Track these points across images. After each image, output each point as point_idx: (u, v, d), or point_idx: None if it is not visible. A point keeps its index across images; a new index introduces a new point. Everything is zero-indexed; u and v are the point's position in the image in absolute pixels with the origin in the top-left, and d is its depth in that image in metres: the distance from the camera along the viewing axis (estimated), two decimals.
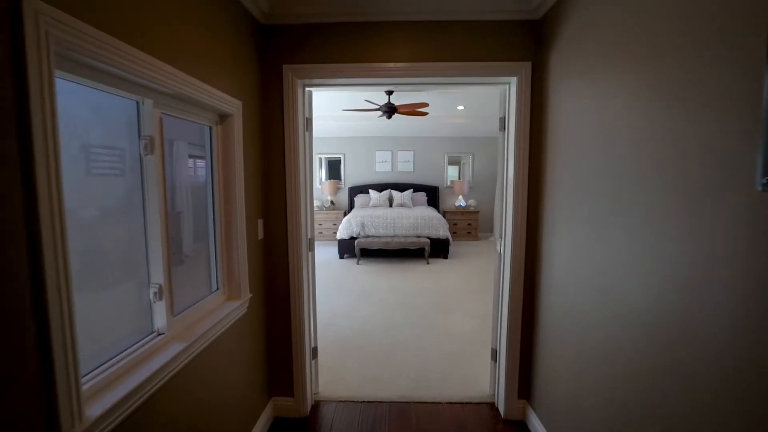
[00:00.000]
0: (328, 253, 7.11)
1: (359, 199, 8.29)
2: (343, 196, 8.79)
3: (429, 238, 6.52)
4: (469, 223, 8.26)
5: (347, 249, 6.63)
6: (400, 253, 6.74)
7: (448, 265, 6.24)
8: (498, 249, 2.38)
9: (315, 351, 2.49)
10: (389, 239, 6.41)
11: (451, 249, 6.93)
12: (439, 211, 8.17)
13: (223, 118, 1.79)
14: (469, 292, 4.85)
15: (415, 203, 8.19)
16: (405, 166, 8.76)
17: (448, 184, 8.77)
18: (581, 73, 1.65)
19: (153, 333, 1.36)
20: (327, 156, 8.80)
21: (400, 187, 8.59)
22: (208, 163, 1.75)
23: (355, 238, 6.54)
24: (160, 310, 1.37)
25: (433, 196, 8.61)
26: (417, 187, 8.62)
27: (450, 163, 8.81)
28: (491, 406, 2.44)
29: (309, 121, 2.35)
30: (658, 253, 1.17)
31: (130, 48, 1.09)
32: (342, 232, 6.61)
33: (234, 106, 1.78)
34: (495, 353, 2.44)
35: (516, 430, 2.24)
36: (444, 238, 6.57)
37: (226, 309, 1.75)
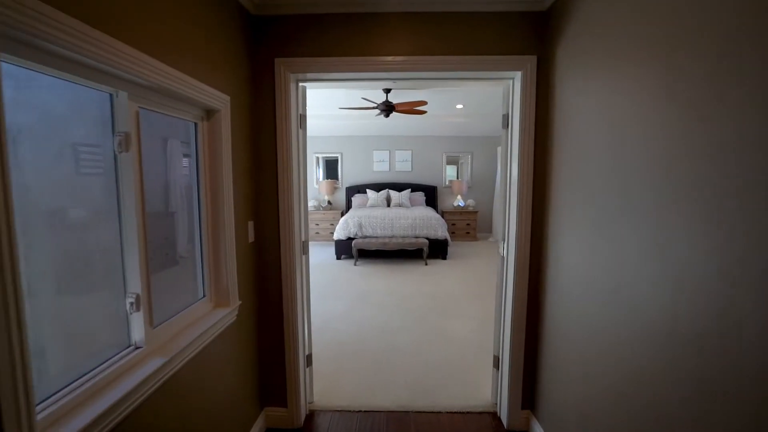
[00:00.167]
0: (325, 253, 7.00)
1: (356, 199, 8.18)
2: (341, 196, 8.68)
3: (427, 238, 6.41)
4: (467, 224, 8.17)
5: (344, 250, 6.52)
6: (398, 254, 6.63)
7: (446, 266, 6.13)
8: (501, 252, 2.28)
9: (309, 358, 2.38)
10: (387, 240, 6.30)
11: (449, 250, 6.83)
12: (437, 211, 8.07)
13: (209, 113, 1.67)
14: (469, 294, 4.75)
15: (413, 203, 8.09)
16: (403, 166, 8.65)
17: (447, 183, 8.67)
18: (592, 68, 1.55)
19: (130, 347, 1.25)
20: (324, 155, 8.68)
21: (398, 186, 8.48)
22: (194, 161, 1.64)
23: (353, 239, 6.43)
24: (137, 322, 1.25)
25: (431, 196, 8.51)
26: (415, 187, 8.51)
27: (448, 162, 8.71)
28: (493, 416, 2.34)
29: (303, 117, 2.24)
30: (673, 256, 1.07)
31: (97, 32, 0.98)
32: (339, 233, 6.50)
33: (221, 101, 1.67)
34: (497, 360, 2.34)
35: None
36: (443, 238, 6.47)
37: (213, 318, 1.64)
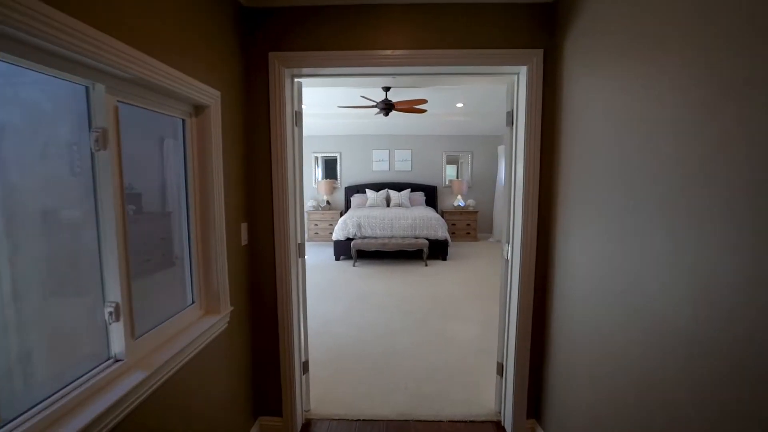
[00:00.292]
0: (323, 254, 6.91)
1: (356, 199, 8.08)
2: (340, 196, 8.58)
3: (427, 239, 6.32)
4: (468, 224, 8.08)
5: (343, 250, 6.43)
6: (398, 255, 6.54)
7: (447, 267, 6.05)
8: (504, 255, 2.19)
9: (306, 365, 2.29)
10: (386, 240, 6.21)
11: (450, 250, 6.74)
12: (437, 211, 7.98)
13: (198, 109, 1.58)
14: (469, 295, 4.66)
15: (413, 203, 8.00)
16: (402, 165, 8.56)
17: (447, 183, 8.58)
18: (604, 61, 1.46)
19: (109, 360, 1.16)
20: (323, 155, 8.59)
21: (398, 186, 8.39)
22: (181, 160, 1.55)
23: (352, 240, 6.34)
24: (117, 333, 1.16)
25: (431, 196, 8.42)
26: (415, 187, 8.42)
27: (448, 162, 8.62)
28: (497, 425, 2.25)
29: (299, 114, 2.15)
30: (701, 264, 0.98)
31: (64, 16, 0.88)
32: (338, 233, 6.41)
33: (211, 97, 1.58)
34: (501, 368, 2.25)
35: None
36: (443, 239, 6.38)
37: (202, 326, 1.55)
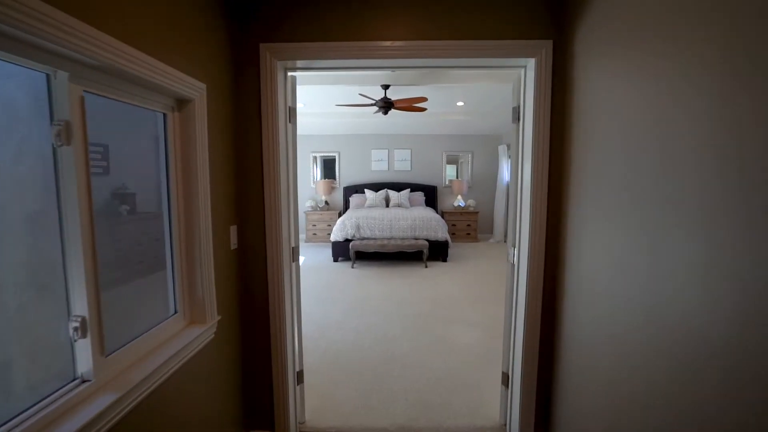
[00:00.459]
0: (321, 255, 6.78)
1: (354, 199, 7.96)
2: (338, 196, 8.46)
3: (427, 240, 6.20)
4: (468, 224, 7.96)
5: (341, 252, 6.30)
6: (397, 256, 6.42)
7: (447, 269, 5.93)
8: (510, 259, 2.07)
9: (300, 375, 2.17)
10: (386, 242, 6.09)
11: (450, 251, 6.62)
12: (437, 212, 7.87)
13: (181, 103, 1.46)
14: (471, 298, 4.54)
15: (412, 203, 7.88)
16: (402, 165, 8.44)
17: (447, 183, 8.46)
18: (623, 53, 1.34)
19: (75, 380, 1.04)
20: (321, 154, 8.47)
21: (397, 186, 8.26)
22: (162, 157, 1.42)
23: (350, 241, 6.21)
24: (84, 350, 1.04)
25: (431, 196, 8.30)
26: (414, 187, 8.30)
27: (448, 161, 8.50)
28: None
29: (292, 110, 2.02)
30: (742, 272, 0.86)
31: None
32: (336, 234, 6.28)
33: (195, 90, 1.46)
34: (507, 378, 2.13)
35: None
36: (443, 240, 6.26)
37: (185, 338, 1.43)
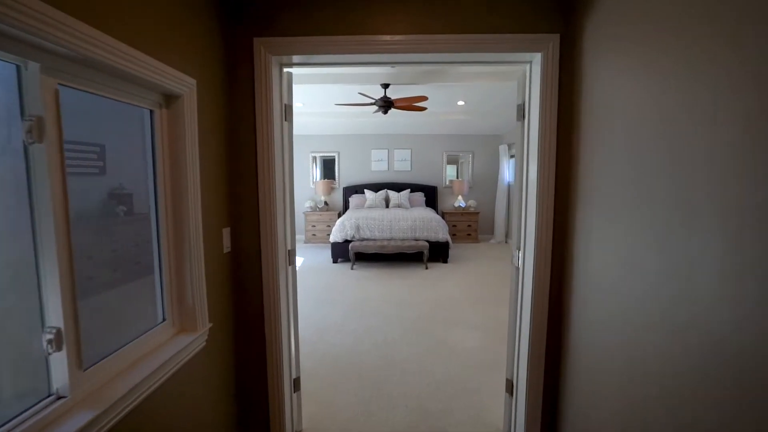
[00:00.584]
0: (320, 256, 6.70)
1: (354, 199, 7.88)
2: (338, 197, 8.38)
3: (428, 241, 6.13)
4: (469, 225, 7.88)
5: (341, 253, 6.23)
6: (397, 258, 6.33)
7: (448, 270, 5.85)
8: (515, 262, 1.99)
9: (297, 382, 2.10)
10: (386, 243, 6.01)
11: (450, 252, 6.54)
12: (437, 212, 7.79)
13: (169, 99, 1.38)
14: (472, 299, 4.47)
15: (412, 204, 7.80)
16: (402, 165, 8.36)
17: (447, 183, 8.38)
18: (632, 48, 1.27)
19: (49, 397, 0.96)
20: (321, 154, 8.39)
21: (397, 186, 8.18)
22: (149, 156, 1.35)
23: (350, 242, 6.13)
24: (59, 364, 0.96)
25: (431, 197, 8.22)
26: (414, 187, 8.22)
27: (449, 161, 8.42)
28: None
29: (288, 108, 1.95)
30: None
31: None
32: (335, 235, 6.20)
33: (185, 85, 1.38)
34: (511, 385, 2.05)
35: None
36: (443, 241, 6.18)
37: (174, 347, 1.35)
